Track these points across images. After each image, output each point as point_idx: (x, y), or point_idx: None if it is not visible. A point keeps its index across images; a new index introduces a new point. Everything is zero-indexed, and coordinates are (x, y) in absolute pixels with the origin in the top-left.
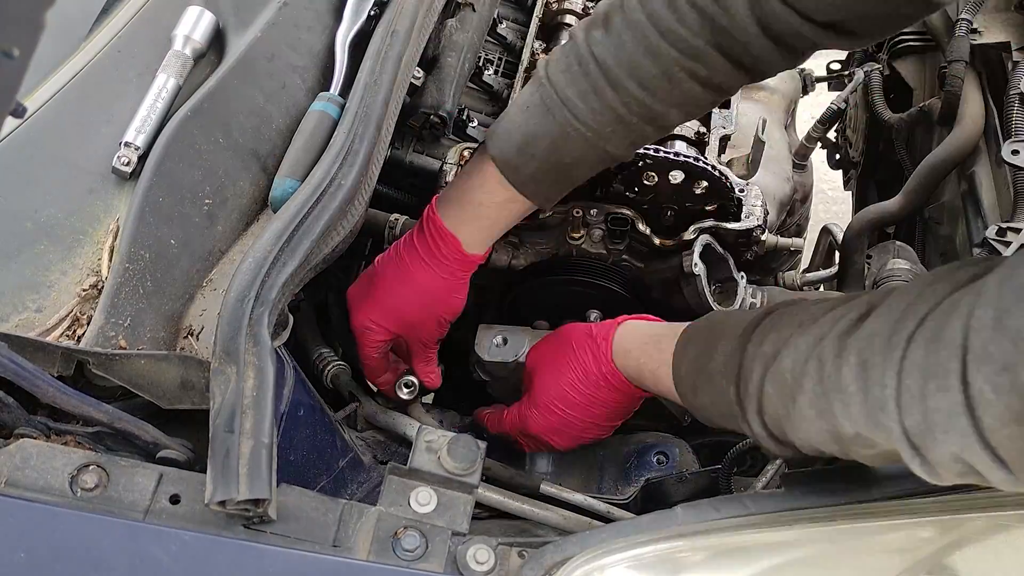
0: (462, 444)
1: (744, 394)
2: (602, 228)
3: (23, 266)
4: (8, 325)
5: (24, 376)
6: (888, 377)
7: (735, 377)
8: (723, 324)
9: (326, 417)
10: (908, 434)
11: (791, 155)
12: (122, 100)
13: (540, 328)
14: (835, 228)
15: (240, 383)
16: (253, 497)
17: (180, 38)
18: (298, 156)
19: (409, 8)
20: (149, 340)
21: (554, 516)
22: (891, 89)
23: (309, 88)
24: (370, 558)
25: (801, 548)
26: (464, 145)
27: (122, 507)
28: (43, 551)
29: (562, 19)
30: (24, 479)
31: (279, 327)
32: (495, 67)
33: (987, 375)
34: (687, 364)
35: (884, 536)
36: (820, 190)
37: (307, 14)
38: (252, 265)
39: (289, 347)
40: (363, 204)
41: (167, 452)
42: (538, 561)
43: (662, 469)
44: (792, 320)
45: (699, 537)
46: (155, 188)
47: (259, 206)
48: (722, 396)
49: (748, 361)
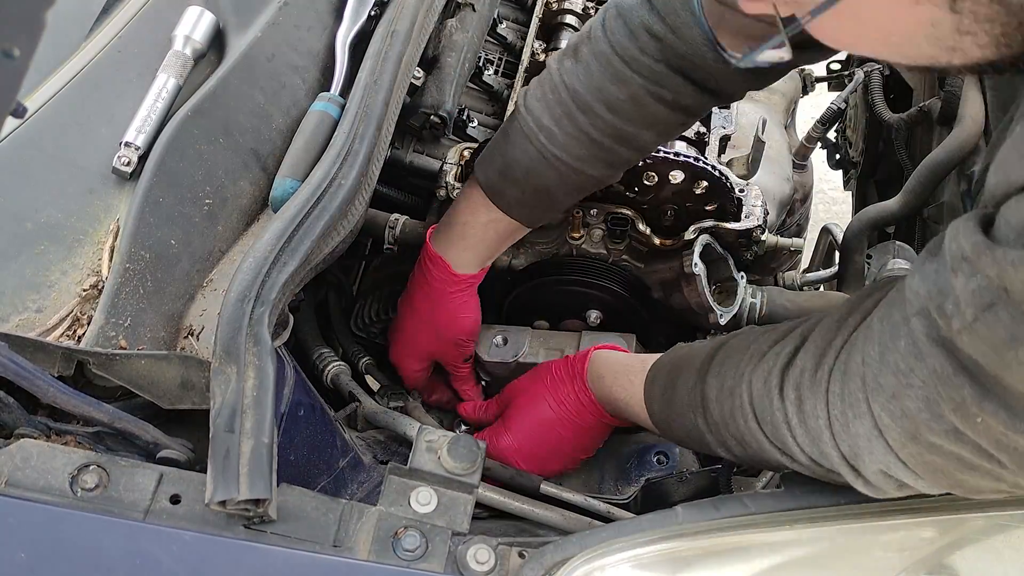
0: (462, 444)
1: (711, 425)
2: (602, 228)
3: (23, 266)
4: (8, 325)
5: (24, 376)
6: (819, 408)
7: (701, 410)
8: (683, 359)
9: (326, 417)
10: (845, 458)
11: (791, 155)
12: (122, 100)
13: (540, 328)
14: (835, 228)
15: (240, 383)
16: (253, 497)
17: (180, 38)
18: (298, 156)
19: (409, 8)
20: (149, 340)
21: (554, 516)
22: (891, 89)
23: (309, 88)
24: (370, 558)
25: (801, 548)
26: (464, 145)
27: (122, 507)
28: (43, 551)
29: (562, 19)
30: (24, 479)
31: (279, 327)
32: (495, 67)
33: (882, 404)
34: (657, 402)
35: (884, 536)
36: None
37: (307, 14)
38: (252, 265)
39: (289, 347)
40: (363, 204)
41: (167, 452)
42: (538, 561)
43: (662, 469)
44: (744, 353)
45: (699, 537)
46: (155, 188)
47: (259, 206)
48: (694, 428)
49: (709, 392)
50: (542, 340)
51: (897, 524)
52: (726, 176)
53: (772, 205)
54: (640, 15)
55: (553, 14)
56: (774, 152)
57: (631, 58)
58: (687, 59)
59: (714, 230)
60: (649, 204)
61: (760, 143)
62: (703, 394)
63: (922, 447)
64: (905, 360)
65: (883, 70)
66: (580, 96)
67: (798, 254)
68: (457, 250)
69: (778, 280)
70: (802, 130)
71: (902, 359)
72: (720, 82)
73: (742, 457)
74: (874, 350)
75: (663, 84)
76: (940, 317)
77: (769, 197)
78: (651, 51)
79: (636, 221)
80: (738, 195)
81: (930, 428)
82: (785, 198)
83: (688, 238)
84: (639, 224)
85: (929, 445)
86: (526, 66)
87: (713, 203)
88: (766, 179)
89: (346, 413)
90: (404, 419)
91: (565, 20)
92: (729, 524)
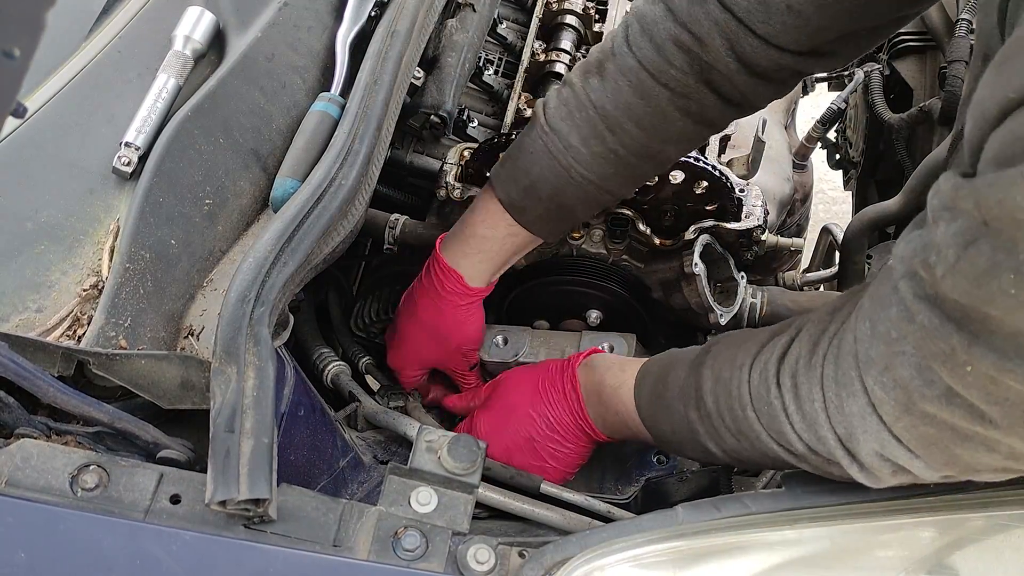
0: (462, 444)
1: (705, 417)
2: (602, 228)
3: (23, 266)
4: (8, 325)
5: (24, 376)
6: (815, 392)
7: (694, 401)
8: (676, 356)
9: (326, 417)
10: (841, 440)
11: (791, 155)
12: (122, 100)
13: (540, 328)
14: (835, 228)
15: (240, 383)
16: (253, 497)
17: (180, 38)
18: (298, 156)
19: (409, 8)
20: (149, 340)
21: (554, 516)
22: (891, 89)
23: (309, 88)
24: (370, 558)
25: (801, 548)
26: (464, 145)
27: (122, 507)
28: (43, 551)
29: (562, 19)
30: (24, 479)
31: (279, 327)
32: (495, 67)
33: (875, 377)
34: (646, 395)
35: (884, 536)
36: (820, 190)
37: (307, 14)
38: (253, 265)
39: (289, 347)
40: (363, 204)
41: (167, 452)
42: (538, 561)
43: (663, 468)
44: (740, 346)
45: (700, 537)
46: (155, 188)
47: (259, 206)
48: (683, 421)
49: (703, 383)
50: (542, 340)
51: (897, 524)
52: (726, 176)
53: (772, 205)
54: (666, 27)
55: (553, 14)
56: (774, 152)
57: (659, 71)
58: (714, 70)
59: (714, 230)
60: (649, 204)
61: (760, 143)
62: (697, 385)
63: (915, 418)
64: (896, 327)
65: (883, 70)
66: (608, 114)
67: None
68: (472, 262)
69: (778, 280)
70: (802, 130)
71: (893, 326)
72: (744, 93)
73: (733, 451)
74: (865, 325)
75: (690, 96)
76: (925, 271)
77: (769, 197)
78: (679, 63)
79: (636, 221)
80: (738, 195)
81: (923, 395)
82: (785, 198)
83: (688, 238)
84: (639, 224)
85: (922, 415)
86: (526, 66)
87: (713, 203)
88: (766, 179)
89: (346, 413)
90: (404, 419)
91: (565, 20)
92: (729, 524)
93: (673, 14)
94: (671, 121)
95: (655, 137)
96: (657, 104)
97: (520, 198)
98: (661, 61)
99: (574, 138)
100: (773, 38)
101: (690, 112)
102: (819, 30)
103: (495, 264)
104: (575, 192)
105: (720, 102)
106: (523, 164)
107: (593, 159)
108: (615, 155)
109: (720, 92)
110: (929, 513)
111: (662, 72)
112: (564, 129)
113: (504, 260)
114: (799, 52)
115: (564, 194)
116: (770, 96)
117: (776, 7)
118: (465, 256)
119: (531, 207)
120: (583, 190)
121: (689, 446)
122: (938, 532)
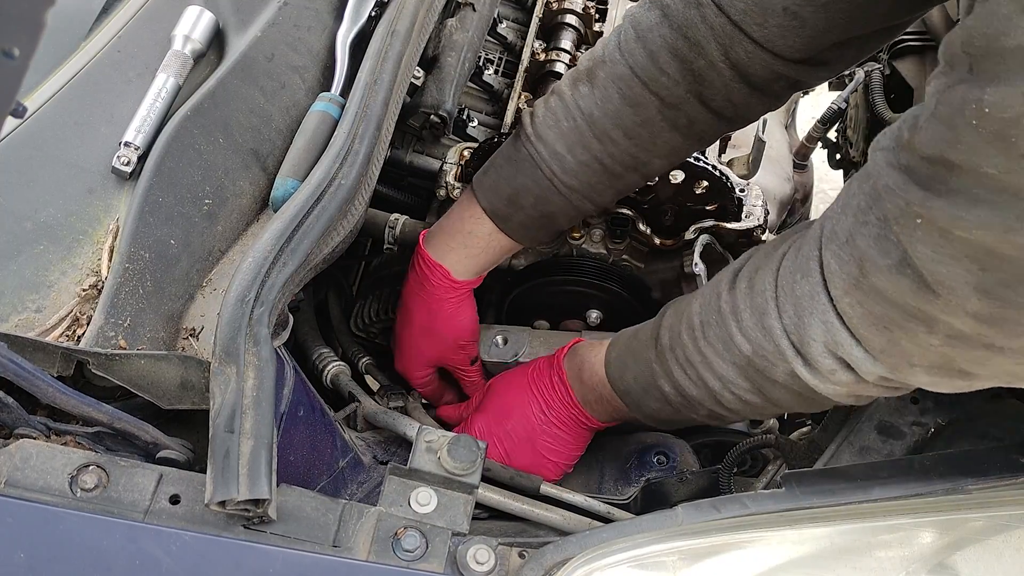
0: (462, 444)
1: (660, 355)
2: (602, 228)
3: (23, 266)
4: (8, 325)
5: (24, 376)
6: (767, 283)
7: (653, 343)
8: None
9: (326, 417)
10: (787, 332)
11: (791, 155)
12: (122, 100)
13: (540, 328)
14: None
15: (240, 383)
16: (253, 497)
17: (180, 38)
18: (298, 156)
19: (409, 8)
20: (149, 340)
21: (554, 516)
22: (891, 89)
23: (309, 88)
24: (370, 558)
25: (801, 548)
26: (464, 145)
27: (122, 507)
28: (43, 551)
29: (562, 19)
30: (24, 479)
31: (279, 327)
32: (495, 67)
33: (834, 251)
34: (614, 356)
35: (884, 536)
36: (820, 190)
37: (307, 14)
38: (252, 265)
39: (289, 347)
40: (363, 204)
41: (167, 452)
42: (538, 561)
43: (662, 469)
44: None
45: (700, 537)
46: (155, 188)
47: (259, 206)
48: (646, 368)
49: (664, 321)
50: (542, 340)
51: (897, 524)
52: (726, 176)
53: (772, 205)
54: (661, 34)
55: (553, 14)
56: (775, 152)
57: (651, 78)
58: (706, 80)
59: (714, 230)
60: (649, 204)
61: (761, 143)
62: (657, 325)
63: (863, 294)
64: (866, 198)
65: (883, 70)
66: (596, 122)
67: None
68: (458, 257)
69: None
70: (802, 130)
71: (864, 198)
72: (736, 104)
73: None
74: (837, 205)
75: (680, 107)
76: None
77: (769, 197)
78: (672, 71)
79: (636, 221)
80: (738, 195)
81: (875, 265)
82: (786, 198)
83: (688, 238)
84: (639, 224)
85: (870, 290)
86: (526, 66)
87: (714, 203)
88: (767, 179)
89: (346, 413)
90: (404, 419)
91: (565, 20)
92: (729, 524)
93: (668, 19)
94: (658, 132)
95: (642, 148)
96: (646, 114)
97: (503, 207)
98: (653, 68)
99: (560, 146)
100: (768, 43)
101: (678, 125)
102: (815, 35)
103: (482, 261)
104: (558, 201)
105: (710, 114)
106: (506, 173)
107: (578, 167)
108: (600, 164)
109: (711, 104)
110: (929, 513)
111: (653, 80)
112: (550, 137)
113: (491, 258)
114: (793, 60)
115: (547, 203)
116: (762, 110)
117: (773, 10)
118: (451, 250)
119: (514, 215)
120: (566, 199)
121: (647, 395)
122: (938, 532)
